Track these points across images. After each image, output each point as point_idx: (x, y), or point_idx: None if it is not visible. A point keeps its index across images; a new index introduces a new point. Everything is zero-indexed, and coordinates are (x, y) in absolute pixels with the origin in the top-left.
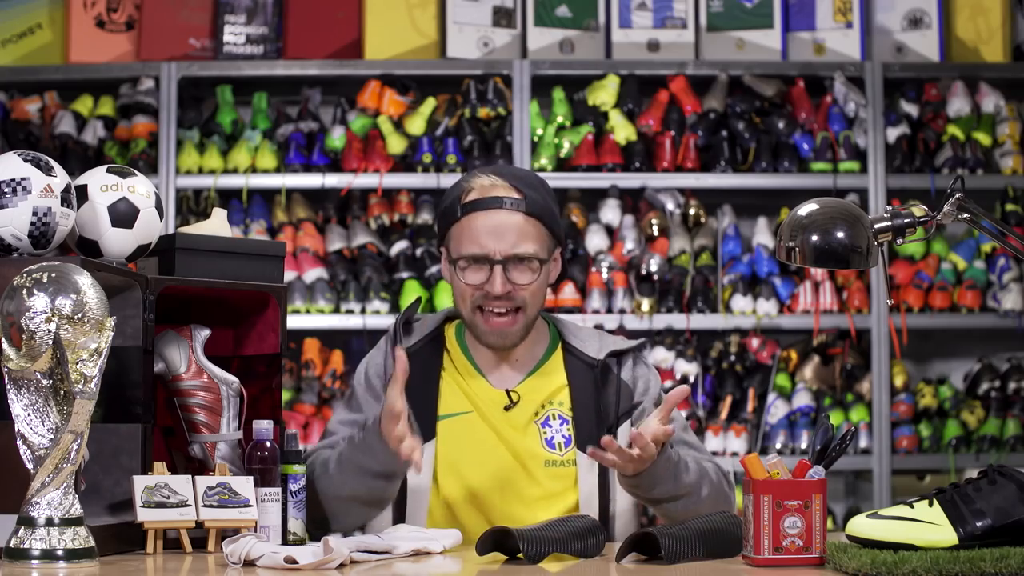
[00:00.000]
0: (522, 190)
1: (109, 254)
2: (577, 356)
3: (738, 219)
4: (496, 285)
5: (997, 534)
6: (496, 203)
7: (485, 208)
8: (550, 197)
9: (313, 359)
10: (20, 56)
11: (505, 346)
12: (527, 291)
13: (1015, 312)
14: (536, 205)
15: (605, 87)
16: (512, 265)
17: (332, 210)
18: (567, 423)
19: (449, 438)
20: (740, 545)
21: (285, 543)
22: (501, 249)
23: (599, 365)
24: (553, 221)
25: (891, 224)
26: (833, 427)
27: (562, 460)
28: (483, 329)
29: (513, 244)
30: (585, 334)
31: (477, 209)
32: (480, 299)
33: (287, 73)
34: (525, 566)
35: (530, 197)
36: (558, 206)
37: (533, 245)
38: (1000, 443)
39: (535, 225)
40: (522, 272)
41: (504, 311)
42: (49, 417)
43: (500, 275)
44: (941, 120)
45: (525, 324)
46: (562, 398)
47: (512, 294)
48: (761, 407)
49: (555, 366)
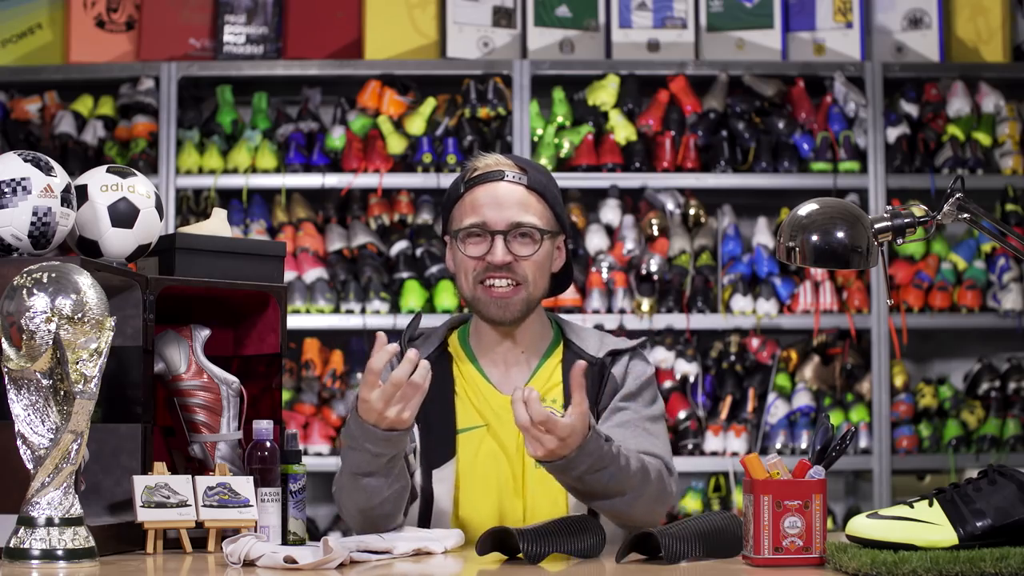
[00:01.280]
0: (524, 168)
1: (109, 254)
2: (576, 354)
3: (738, 219)
4: (497, 254)
5: (997, 534)
6: (498, 175)
7: (487, 181)
8: (553, 184)
9: (313, 359)
10: (20, 56)
11: (506, 319)
12: (528, 264)
13: (1015, 312)
14: (538, 182)
15: (605, 87)
16: (513, 236)
17: (332, 210)
18: None
19: (468, 453)
20: (740, 545)
21: (285, 543)
22: (502, 219)
23: (597, 364)
24: (556, 203)
25: (891, 224)
26: (833, 427)
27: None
28: (485, 300)
29: (514, 214)
30: (586, 334)
31: (479, 183)
32: (481, 272)
33: (287, 73)
34: (525, 566)
35: (532, 174)
36: (562, 197)
37: (534, 216)
38: (1000, 443)
39: (537, 199)
40: (523, 244)
41: (506, 283)
42: (49, 417)
43: (501, 245)
44: (941, 120)
45: (526, 300)
46: (555, 395)
47: (513, 266)
48: (761, 407)
49: (554, 364)
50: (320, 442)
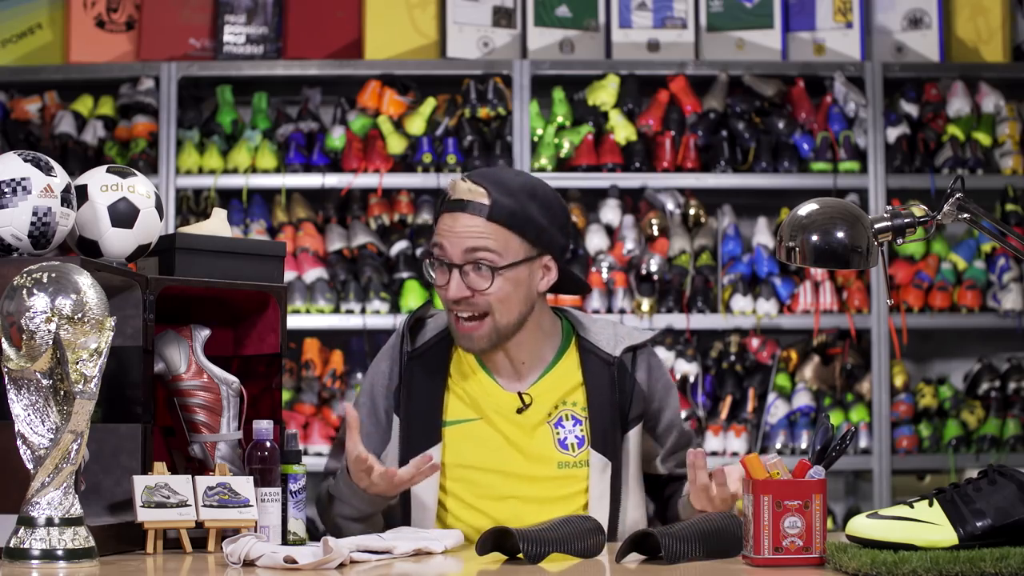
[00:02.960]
0: (493, 195)
1: (109, 254)
2: (593, 352)
3: (738, 219)
4: (451, 289)
5: (997, 534)
6: (459, 206)
7: (451, 210)
8: (535, 203)
9: (313, 359)
10: (20, 56)
11: (473, 350)
12: (487, 297)
13: (1015, 312)
14: (503, 211)
15: (605, 87)
16: (468, 270)
17: (332, 210)
18: (581, 423)
19: (456, 444)
20: (740, 545)
21: (285, 543)
22: (456, 253)
23: (616, 363)
24: (530, 227)
25: (891, 224)
26: (833, 427)
27: (575, 461)
28: (455, 331)
29: (467, 248)
30: (598, 327)
31: (445, 211)
32: (449, 303)
33: (287, 73)
34: (525, 566)
35: (499, 203)
36: (552, 213)
37: (490, 251)
38: (1000, 443)
39: (499, 229)
40: (480, 277)
41: (468, 316)
42: (49, 417)
43: (456, 279)
44: (941, 120)
45: (495, 329)
46: (576, 397)
47: (472, 300)
48: (761, 407)
49: (570, 364)
50: (320, 442)
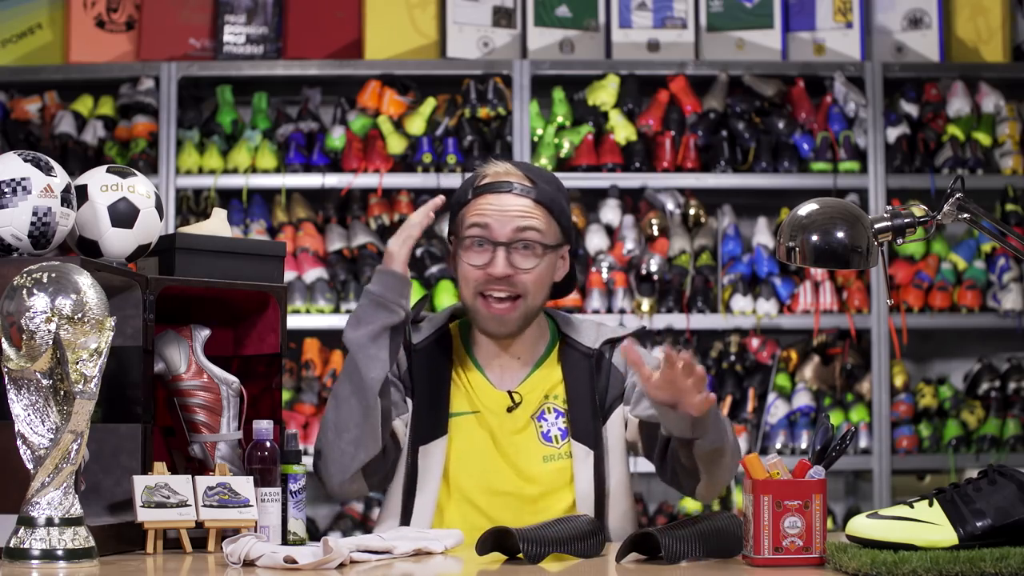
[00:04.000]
0: (534, 179)
1: (109, 254)
2: (573, 347)
3: (738, 219)
4: (498, 266)
5: (997, 534)
6: (506, 187)
7: (495, 191)
8: (562, 195)
9: (313, 359)
10: (20, 56)
11: (503, 334)
12: (528, 277)
13: (1015, 312)
14: (546, 195)
15: (605, 87)
16: (515, 248)
17: (332, 210)
18: (562, 415)
19: (459, 436)
20: (740, 545)
21: (285, 543)
22: (505, 231)
23: (594, 354)
24: (562, 216)
25: (891, 224)
26: (833, 427)
27: (559, 453)
28: (483, 314)
29: (517, 227)
30: (583, 326)
31: (487, 192)
32: (482, 284)
33: (287, 73)
34: (525, 566)
35: (540, 187)
36: (569, 208)
37: (538, 230)
38: (1000, 443)
39: (543, 212)
40: (525, 257)
41: (504, 296)
42: (49, 417)
43: (503, 257)
44: (941, 120)
45: (524, 313)
46: (558, 391)
47: (513, 279)
48: (761, 407)
49: (553, 361)
50: None
